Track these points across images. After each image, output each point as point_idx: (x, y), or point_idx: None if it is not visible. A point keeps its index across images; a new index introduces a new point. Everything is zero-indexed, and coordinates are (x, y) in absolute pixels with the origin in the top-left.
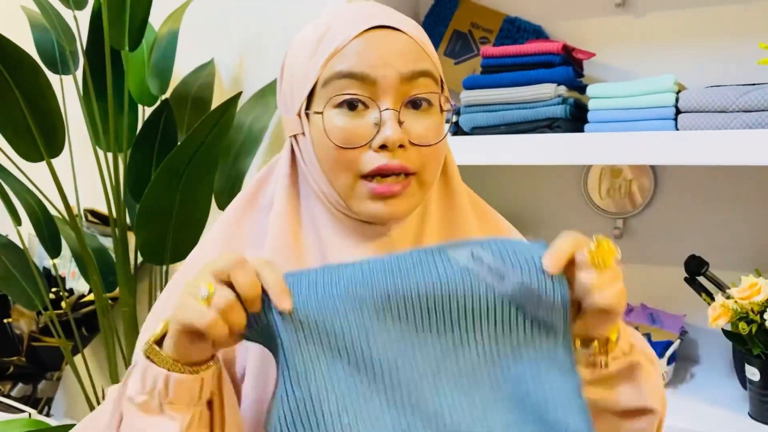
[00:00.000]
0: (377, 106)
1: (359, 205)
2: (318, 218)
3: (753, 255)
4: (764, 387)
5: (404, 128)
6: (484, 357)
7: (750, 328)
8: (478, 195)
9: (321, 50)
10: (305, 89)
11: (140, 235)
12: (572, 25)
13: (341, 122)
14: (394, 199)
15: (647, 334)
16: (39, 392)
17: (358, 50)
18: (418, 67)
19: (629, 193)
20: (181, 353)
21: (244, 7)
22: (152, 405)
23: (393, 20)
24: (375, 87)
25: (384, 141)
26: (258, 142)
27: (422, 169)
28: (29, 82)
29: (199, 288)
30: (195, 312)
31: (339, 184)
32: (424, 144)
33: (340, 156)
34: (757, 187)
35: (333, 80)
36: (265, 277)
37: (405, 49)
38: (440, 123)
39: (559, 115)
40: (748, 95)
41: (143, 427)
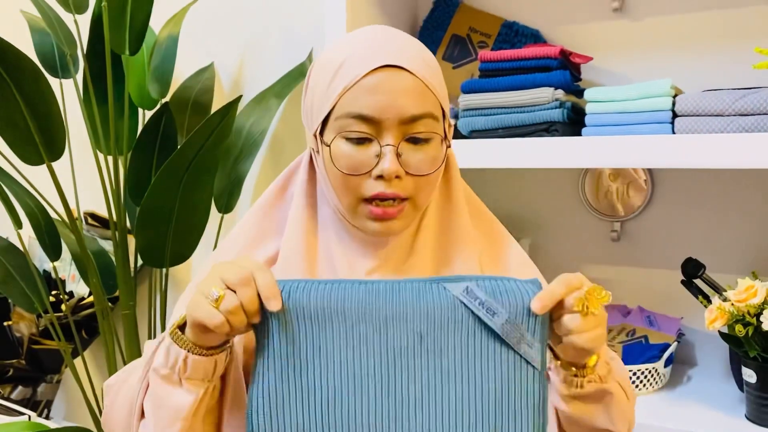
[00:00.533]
0: (379, 142)
1: (360, 222)
2: (327, 221)
3: (750, 258)
4: (761, 389)
5: (402, 160)
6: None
7: (746, 331)
8: (479, 197)
9: (336, 82)
10: (320, 115)
11: (140, 238)
12: (570, 29)
13: (347, 152)
14: (390, 221)
15: (644, 336)
16: (39, 395)
17: (367, 90)
18: (419, 111)
19: (627, 197)
20: (196, 339)
21: (243, 11)
22: (173, 378)
23: (402, 59)
24: (379, 126)
25: (381, 172)
26: (258, 145)
27: (416, 195)
28: (30, 86)
29: (212, 291)
30: (205, 312)
31: (345, 202)
32: (418, 174)
33: (345, 180)
34: (753, 190)
35: (343, 117)
36: (258, 281)
37: (410, 91)
38: (437, 153)
39: (556, 119)
40: (745, 99)
41: (164, 395)
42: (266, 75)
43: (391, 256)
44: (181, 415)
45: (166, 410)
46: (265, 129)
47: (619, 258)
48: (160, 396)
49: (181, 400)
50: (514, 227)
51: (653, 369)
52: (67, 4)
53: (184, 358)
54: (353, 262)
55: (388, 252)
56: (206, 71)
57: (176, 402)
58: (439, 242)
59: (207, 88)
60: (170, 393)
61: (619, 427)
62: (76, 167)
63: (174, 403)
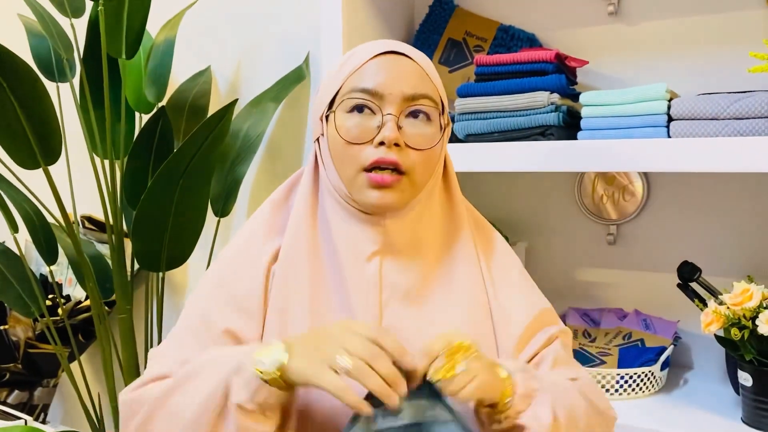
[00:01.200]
0: (381, 112)
1: (359, 193)
2: (328, 209)
3: (745, 261)
4: (757, 392)
5: (402, 132)
6: None
7: (742, 334)
8: (473, 201)
9: (344, 68)
10: (328, 97)
11: (137, 241)
12: (566, 33)
13: (350, 122)
14: (387, 190)
15: (640, 339)
16: (35, 399)
17: (372, 70)
18: (419, 90)
19: (623, 200)
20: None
21: (240, 16)
22: (256, 411)
23: (405, 49)
24: (382, 100)
25: (382, 138)
26: (254, 149)
27: (413, 170)
28: (26, 90)
29: (341, 360)
30: (331, 382)
31: (345, 175)
32: (416, 147)
33: (347, 150)
34: (749, 193)
35: (350, 92)
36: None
37: (410, 73)
38: (435, 135)
39: (552, 123)
40: (739, 103)
41: (248, 425)
42: (263, 79)
43: (393, 241)
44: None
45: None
46: (261, 132)
47: (615, 261)
48: (244, 427)
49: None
50: (510, 231)
51: (649, 372)
52: (63, 8)
53: (277, 394)
54: (355, 245)
55: (390, 237)
56: (203, 75)
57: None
58: (444, 242)
59: (204, 92)
60: (254, 425)
61: None
62: (72, 171)
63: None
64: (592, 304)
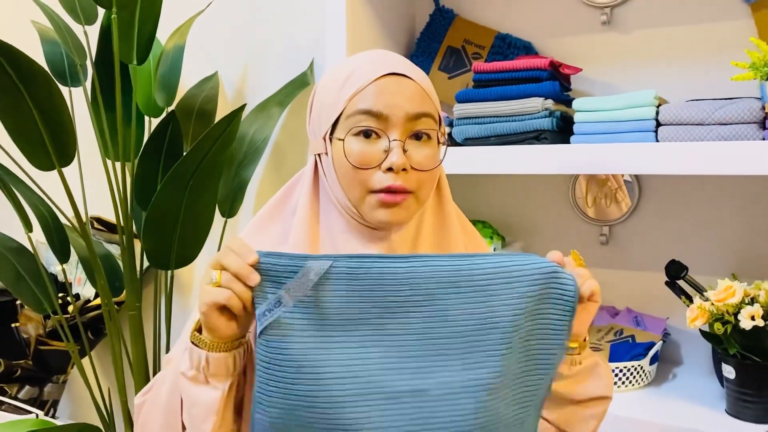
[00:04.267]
0: (387, 136)
1: (369, 213)
2: (333, 223)
3: (730, 260)
4: (740, 384)
5: (407, 155)
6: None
7: (725, 329)
8: (470, 203)
9: (346, 88)
10: (332, 118)
11: (147, 241)
12: (560, 41)
13: (358, 147)
14: (396, 208)
15: (631, 335)
16: (45, 395)
17: (375, 92)
18: (421, 110)
19: (615, 202)
20: (213, 330)
21: (247, 23)
22: (200, 378)
23: (404, 69)
24: (387, 122)
25: (390, 165)
26: (260, 152)
27: (419, 189)
28: (43, 95)
29: (211, 276)
30: (213, 292)
31: (353, 196)
32: (421, 169)
33: (356, 174)
34: (733, 196)
35: (354, 115)
36: (229, 265)
37: (412, 94)
38: (436, 153)
39: (546, 128)
40: (723, 109)
41: (194, 394)
42: (268, 84)
43: (394, 251)
44: (213, 410)
45: (198, 408)
46: (267, 136)
47: (608, 261)
48: (191, 396)
49: (210, 397)
50: (506, 231)
51: (639, 366)
52: (77, 15)
53: (206, 358)
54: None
55: (394, 250)
56: (210, 80)
57: (206, 399)
58: (439, 247)
59: (211, 97)
60: (199, 392)
61: (608, 392)
62: (83, 173)
63: (204, 400)
64: None
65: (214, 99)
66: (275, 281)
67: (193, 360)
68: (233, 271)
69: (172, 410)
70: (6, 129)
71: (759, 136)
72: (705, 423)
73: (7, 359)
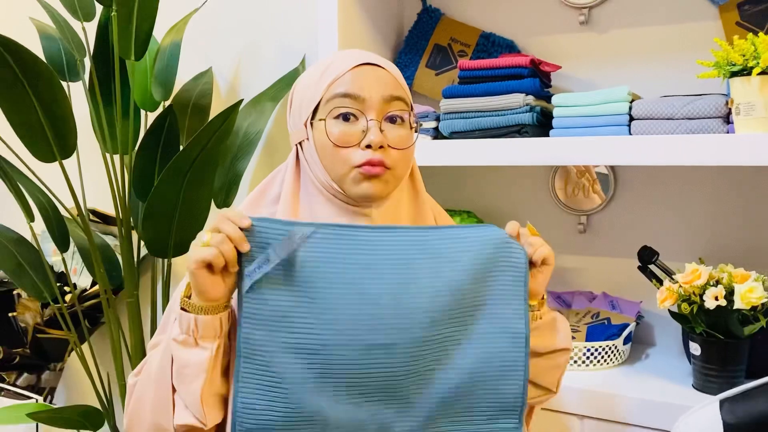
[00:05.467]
0: (365, 117)
1: (351, 187)
2: (315, 205)
3: (697, 246)
4: (705, 361)
5: (384, 135)
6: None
7: (692, 308)
8: (456, 193)
9: (324, 77)
10: (312, 104)
11: (146, 230)
12: (541, 40)
13: (338, 128)
14: (376, 181)
15: (607, 318)
16: (43, 382)
17: (351, 78)
18: (395, 93)
19: (592, 193)
20: (200, 290)
21: (240, 20)
22: (189, 341)
23: (379, 61)
24: (363, 104)
25: (369, 142)
26: (254, 145)
27: (395, 166)
28: (45, 90)
29: (202, 237)
30: (201, 251)
31: (336, 173)
32: (396, 147)
33: (337, 153)
34: (702, 186)
35: (333, 99)
36: (225, 230)
37: (385, 80)
38: (410, 135)
39: (527, 122)
40: (691, 105)
41: (186, 356)
42: (261, 80)
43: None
44: (203, 368)
45: (190, 368)
46: (260, 130)
47: (586, 248)
48: (181, 359)
49: (200, 357)
50: (489, 220)
51: (613, 346)
52: (76, 12)
53: (195, 321)
54: None
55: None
56: (205, 76)
57: (196, 359)
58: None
59: (206, 92)
60: (190, 354)
61: (567, 343)
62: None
63: (195, 361)
64: (564, 287)
65: (208, 94)
66: (264, 243)
67: (183, 325)
68: (229, 235)
69: (163, 378)
70: (9, 122)
71: (723, 130)
72: (673, 397)
73: (5, 347)
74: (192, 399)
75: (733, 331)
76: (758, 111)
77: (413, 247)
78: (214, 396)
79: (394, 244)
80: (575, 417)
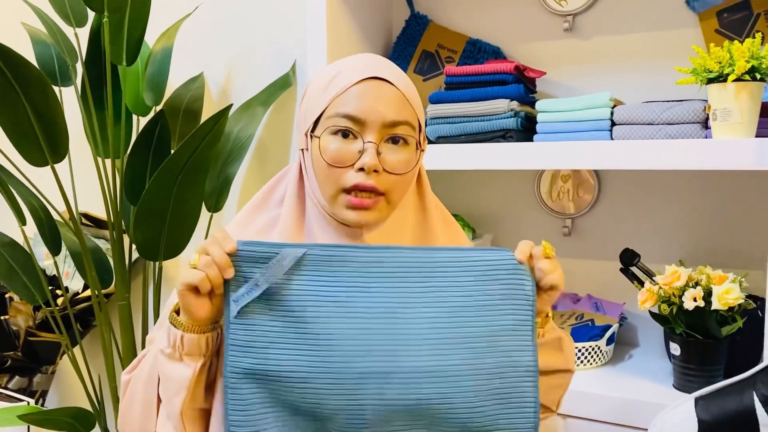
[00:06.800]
0: (362, 138)
1: (339, 211)
2: (312, 216)
3: (678, 248)
4: (684, 360)
5: (381, 158)
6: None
7: (671, 309)
8: (443, 197)
9: (329, 90)
10: (313, 116)
11: (138, 233)
12: (527, 47)
13: (334, 146)
14: (365, 211)
15: (591, 319)
16: (34, 385)
17: (355, 95)
18: (399, 118)
19: (577, 196)
20: (187, 310)
21: (231, 26)
22: (175, 355)
23: (387, 74)
24: (363, 126)
25: (362, 165)
26: (245, 149)
27: (390, 191)
28: (38, 95)
29: (190, 258)
30: (188, 273)
31: (326, 193)
32: (393, 172)
33: (330, 172)
34: (682, 189)
35: (334, 116)
36: (212, 253)
37: (391, 100)
38: (411, 157)
39: (512, 127)
40: (671, 110)
41: (170, 370)
42: (252, 85)
43: None
44: (184, 385)
45: (172, 383)
46: (251, 134)
47: (571, 251)
48: (166, 371)
49: (183, 373)
50: (476, 224)
51: (596, 346)
52: (68, 18)
53: (181, 337)
54: None
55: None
56: (196, 81)
57: (179, 374)
58: (421, 241)
59: (197, 97)
60: (174, 368)
61: (571, 365)
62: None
63: (177, 375)
64: None
65: (199, 99)
66: (252, 267)
67: (170, 338)
68: (215, 259)
69: (152, 383)
70: (2, 127)
71: (701, 135)
72: (654, 396)
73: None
74: (173, 412)
75: (711, 332)
76: (734, 117)
77: (411, 270)
78: (195, 410)
79: (390, 266)
80: (559, 416)
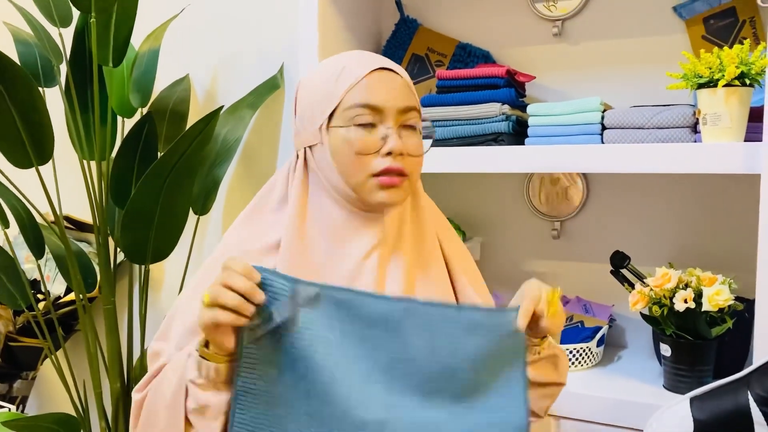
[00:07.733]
0: (383, 125)
1: (368, 195)
2: (326, 209)
3: (667, 250)
4: (675, 361)
5: (401, 142)
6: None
7: (662, 311)
8: (434, 200)
9: (341, 82)
10: (328, 110)
11: (125, 237)
12: (516, 51)
13: (359, 135)
14: (394, 190)
15: (580, 321)
16: (14, 391)
17: (369, 86)
18: (410, 103)
19: (566, 199)
20: (218, 344)
21: (218, 27)
22: (208, 385)
23: (390, 64)
24: (381, 114)
25: (390, 149)
26: (232, 152)
27: (411, 173)
28: (23, 96)
29: (202, 298)
30: (223, 315)
31: (354, 181)
32: (412, 154)
33: (358, 160)
34: (671, 192)
35: (352, 108)
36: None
37: (401, 89)
38: (422, 142)
39: (503, 131)
40: (661, 114)
41: (206, 398)
42: (239, 87)
43: (387, 236)
44: (222, 410)
45: (211, 409)
46: (239, 137)
47: (560, 254)
48: (201, 400)
49: (220, 400)
50: (467, 227)
51: (586, 348)
52: (53, 18)
53: (215, 369)
54: (359, 240)
55: (386, 231)
56: (182, 83)
57: (217, 401)
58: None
59: (183, 99)
60: (209, 396)
61: (563, 379)
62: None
63: (215, 402)
64: None
65: (186, 101)
66: (270, 297)
67: (202, 371)
68: (242, 292)
69: (175, 409)
70: None
71: (691, 139)
72: (644, 397)
73: None
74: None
75: (701, 333)
76: (724, 121)
77: (415, 326)
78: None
79: (395, 320)
80: (551, 417)
